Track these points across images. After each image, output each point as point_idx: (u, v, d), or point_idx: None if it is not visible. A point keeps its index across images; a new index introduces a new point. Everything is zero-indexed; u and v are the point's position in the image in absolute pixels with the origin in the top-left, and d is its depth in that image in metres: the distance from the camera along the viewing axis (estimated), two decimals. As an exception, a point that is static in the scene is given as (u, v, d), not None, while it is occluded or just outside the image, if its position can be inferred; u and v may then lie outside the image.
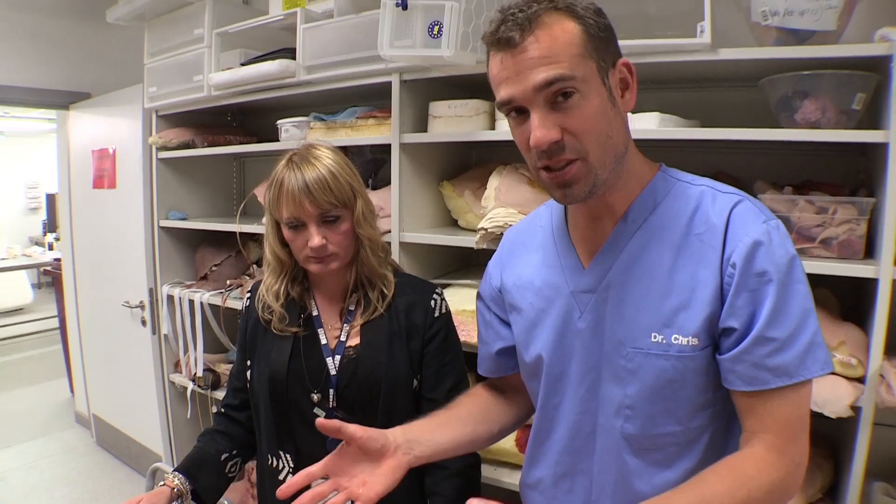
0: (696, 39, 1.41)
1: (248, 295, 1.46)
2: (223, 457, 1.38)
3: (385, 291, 1.35)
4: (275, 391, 1.31)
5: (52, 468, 3.46)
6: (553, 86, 0.84)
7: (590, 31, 0.86)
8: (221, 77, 2.27)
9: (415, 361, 1.35)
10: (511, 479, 1.74)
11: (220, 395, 2.60)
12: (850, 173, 1.65)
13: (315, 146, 1.31)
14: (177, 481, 1.28)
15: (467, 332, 1.71)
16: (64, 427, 4.03)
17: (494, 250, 1.67)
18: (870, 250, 1.44)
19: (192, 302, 2.64)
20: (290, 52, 2.13)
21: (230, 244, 2.74)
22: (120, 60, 3.33)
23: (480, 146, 2.22)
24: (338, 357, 1.32)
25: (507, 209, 1.66)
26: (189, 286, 2.74)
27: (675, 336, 0.89)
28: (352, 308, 1.36)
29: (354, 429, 0.92)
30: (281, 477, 1.33)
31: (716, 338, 0.89)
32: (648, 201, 0.95)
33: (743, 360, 0.85)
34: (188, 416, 2.78)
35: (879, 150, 1.39)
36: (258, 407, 1.36)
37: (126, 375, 3.27)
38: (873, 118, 1.46)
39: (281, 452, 1.33)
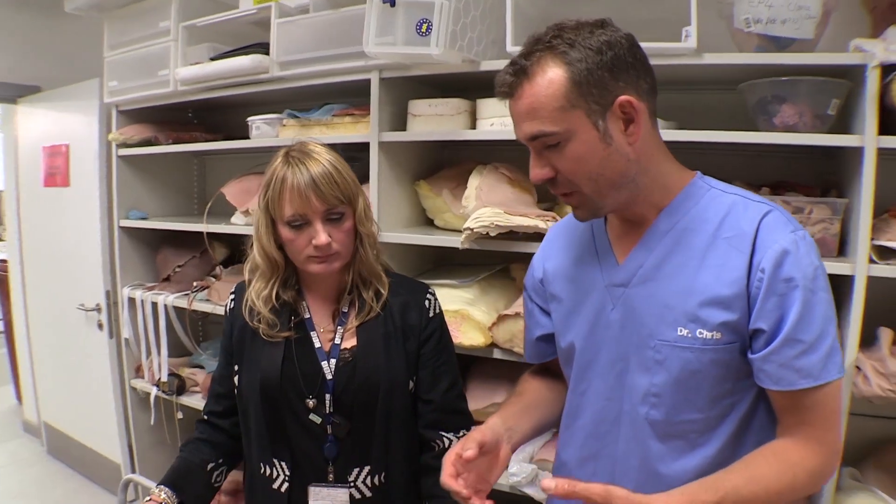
0: (682, 44, 1.45)
1: (232, 297, 1.41)
2: (209, 466, 1.33)
3: (381, 291, 1.33)
4: (267, 397, 1.27)
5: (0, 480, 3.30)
6: (536, 140, 0.95)
7: (578, 77, 0.91)
8: (189, 72, 2.20)
9: (411, 363, 1.32)
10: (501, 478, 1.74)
11: (185, 399, 2.53)
12: (819, 175, 1.72)
13: (309, 144, 1.28)
14: (163, 495, 1.24)
15: (451, 332, 1.71)
16: (10, 437, 3.83)
17: (487, 250, 1.70)
18: (842, 248, 1.51)
19: (155, 304, 2.55)
20: (263, 48, 2.08)
21: (193, 244, 2.66)
22: (72, 53, 3.19)
23: (452, 145, 2.22)
24: (333, 361, 1.29)
25: (493, 209, 1.66)
26: (151, 288, 2.65)
27: (699, 330, 0.95)
28: (345, 310, 1.33)
29: (479, 437, 1.02)
30: (275, 486, 1.28)
31: (744, 337, 0.95)
32: (681, 206, 1.01)
33: (771, 360, 0.91)
34: (151, 423, 2.68)
35: (852, 153, 1.46)
36: (248, 414, 1.31)
37: (81, 381, 3.13)
38: (843, 123, 1.53)
39: (275, 460, 1.28)
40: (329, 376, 1.27)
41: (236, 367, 1.34)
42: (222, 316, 2.32)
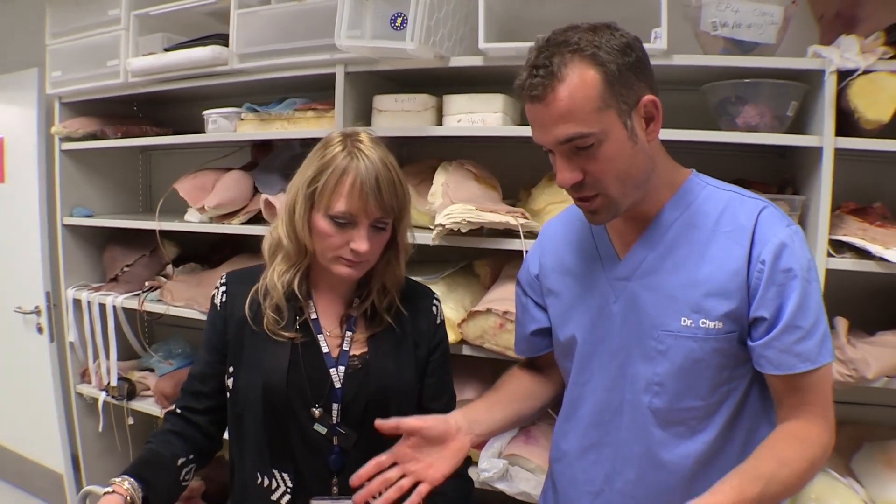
0: (652, 45, 1.48)
1: (224, 290, 1.27)
2: (179, 461, 1.20)
3: (395, 300, 1.26)
4: (271, 405, 1.17)
5: (-74, 496, 3.09)
6: (572, 142, 0.94)
7: (611, 78, 0.91)
8: (143, 63, 2.11)
9: (420, 370, 1.28)
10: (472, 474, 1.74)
11: (136, 404, 2.43)
12: (775, 173, 1.79)
13: (368, 136, 1.19)
14: (127, 485, 1.09)
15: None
16: (-64, 449, 3.59)
17: (448, 246, 1.70)
18: (800, 244, 1.58)
19: (103, 306, 2.43)
20: (222, 39, 2.02)
21: (141, 243, 2.55)
22: (6, 40, 3.01)
23: (413, 142, 2.21)
24: (342, 368, 1.21)
25: (464, 205, 1.67)
26: (97, 289, 2.53)
27: (702, 320, 0.99)
28: (354, 315, 1.25)
29: (412, 422, 1.01)
30: (274, 497, 1.18)
31: (743, 326, 0.99)
32: (681, 203, 1.05)
33: (773, 346, 0.96)
34: (100, 429, 2.56)
35: (809, 152, 1.53)
36: (243, 419, 1.20)
37: (18, 388, 2.96)
38: (799, 124, 1.60)
39: (275, 472, 1.19)
40: (338, 384, 1.20)
41: (231, 369, 1.23)
42: (173, 317, 2.28)
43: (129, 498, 1.08)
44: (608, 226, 1.12)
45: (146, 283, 2.42)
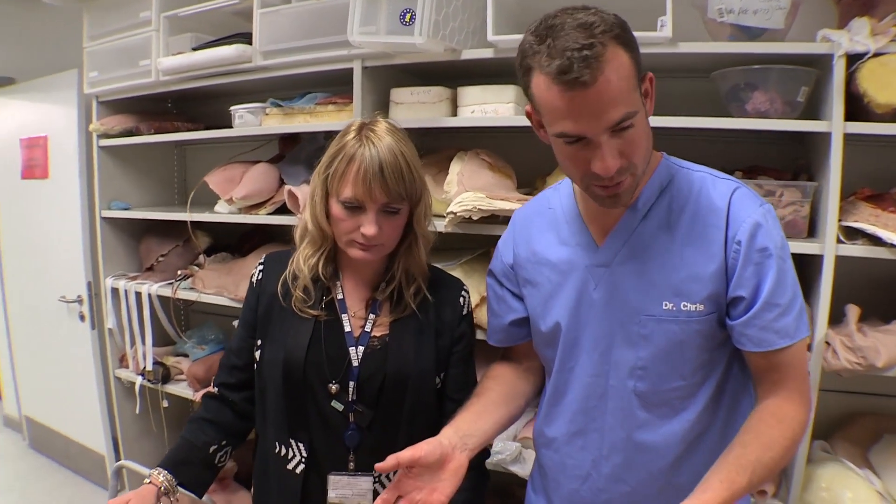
0: (658, 33, 1.49)
1: (261, 268, 1.34)
2: (211, 449, 1.29)
3: (422, 288, 1.29)
4: (289, 377, 1.22)
5: (-19, 475, 3.28)
6: (622, 123, 0.90)
7: (636, 55, 0.92)
8: (172, 62, 2.20)
9: (441, 359, 1.29)
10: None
11: (170, 388, 2.54)
12: (790, 159, 1.78)
13: (385, 123, 1.22)
14: (161, 478, 1.21)
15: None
16: (-9, 431, 3.81)
17: (467, 234, 1.74)
18: (812, 230, 1.57)
19: (139, 294, 2.55)
20: (246, 37, 2.09)
21: (176, 234, 2.66)
22: (49, 44, 3.16)
23: (431, 133, 2.25)
24: (361, 348, 1.25)
25: (475, 193, 1.70)
26: (134, 278, 2.65)
27: (683, 304, 1.01)
28: (379, 299, 1.28)
29: (408, 454, 0.98)
30: (290, 466, 1.25)
31: (722, 306, 1.01)
32: (655, 186, 1.06)
33: (753, 324, 0.98)
34: (137, 412, 2.69)
35: (820, 138, 1.52)
36: (265, 390, 1.27)
37: (63, 373, 3.11)
38: (812, 109, 1.59)
39: (292, 441, 1.25)
40: (355, 363, 1.24)
41: (259, 342, 1.30)
42: (206, 304, 2.38)
43: (163, 488, 1.20)
44: (583, 212, 1.12)
45: (179, 272, 2.53)
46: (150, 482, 1.21)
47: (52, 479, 3.21)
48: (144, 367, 2.57)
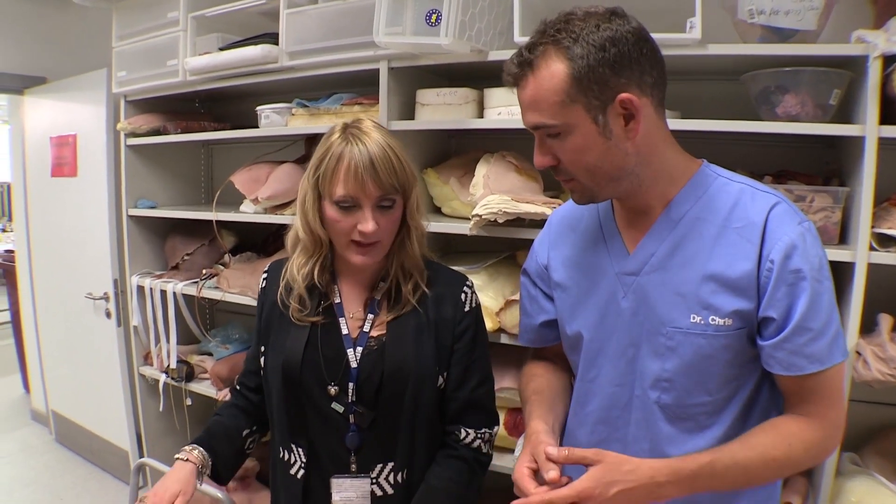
0: (686, 35, 1.47)
1: (265, 276, 1.38)
2: (244, 433, 1.34)
3: (420, 284, 1.28)
4: (288, 382, 1.23)
5: (9, 468, 3.33)
6: (538, 129, 0.99)
7: (579, 73, 0.91)
8: (199, 62, 2.22)
9: (443, 357, 1.27)
10: (502, 462, 1.77)
11: (194, 386, 2.56)
12: (821, 164, 1.74)
13: (367, 121, 1.22)
14: (196, 452, 1.23)
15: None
16: (19, 425, 3.87)
17: (493, 237, 1.72)
18: (843, 236, 1.53)
19: (164, 292, 2.58)
20: (272, 38, 2.11)
21: (202, 233, 2.69)
22: (78, 44, 3.21)
23: (459, 134, 2.25)
24: (360, 349, 1.24)
25: (500, 196, 1.69)
26: (159, 276, 2.68)
27: (712, 317, 0.98)
28: (378, 298, 1.28)
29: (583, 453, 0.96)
30: (292, 472, 1.26)
31: (752, 323, 0.98)
32: (690, 195, 1.03)
33: (783, 347, 0.95)
34: (160, 409, 2.72)
35: (853, 142, 1.48)
36: (271, 396, 1.29)
37: (89, 369, 3.16)
38: (844, 113, 1.55)
39: (293, 446, 1.26)
40: (353, 364, 1.24)
41: (262, 349, 1.32)
42: (230, 304, 2.40)
43: (199, 466, 1.22)
44: (617, 218, 1.11)
45: (204, 271, 2.55)
46: (186, 459, 1.21)
47: (77, 472, 3.26)
48: (168, 365, 2.60)
